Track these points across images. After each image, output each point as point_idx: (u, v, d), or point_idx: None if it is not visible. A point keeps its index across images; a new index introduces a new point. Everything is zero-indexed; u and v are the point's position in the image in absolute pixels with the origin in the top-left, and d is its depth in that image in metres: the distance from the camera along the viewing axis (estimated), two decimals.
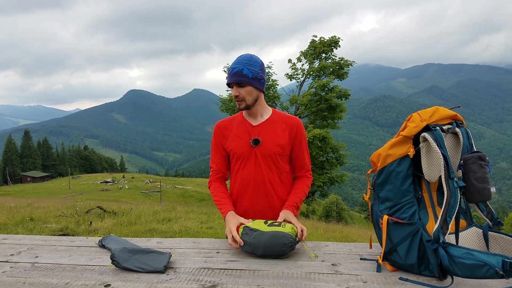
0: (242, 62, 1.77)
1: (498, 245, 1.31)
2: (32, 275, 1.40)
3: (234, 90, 1.78)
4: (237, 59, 1.79)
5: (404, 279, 1.26)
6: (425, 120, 1.28)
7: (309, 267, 1.41)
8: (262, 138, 1.82)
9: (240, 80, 1.75)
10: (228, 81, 1.79)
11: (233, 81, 1.76)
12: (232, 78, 1.76)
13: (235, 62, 1.78)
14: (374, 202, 1.44)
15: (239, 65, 1.76)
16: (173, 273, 1.37)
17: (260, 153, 1.81)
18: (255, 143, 1.81)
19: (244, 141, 1.84)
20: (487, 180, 1.23)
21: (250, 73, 1.75)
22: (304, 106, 21.22)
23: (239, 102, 1.79)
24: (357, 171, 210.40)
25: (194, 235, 7.77)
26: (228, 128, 1.91)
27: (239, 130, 1.88)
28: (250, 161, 1.83)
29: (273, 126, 1.85)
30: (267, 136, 1.83)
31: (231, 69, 1.77)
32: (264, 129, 1.85)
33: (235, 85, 1.78)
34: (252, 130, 1.85)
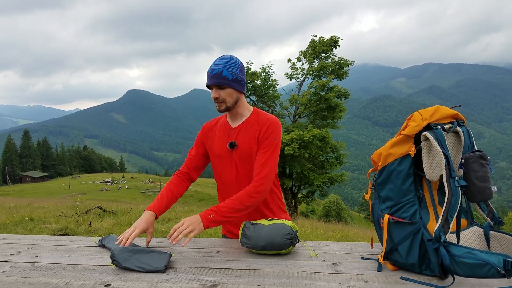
0: (221, 63, 1.73)
1: (499, 244, 1.31)
2: (32, 274, 1.40)
3: (213, 92, 1.74)
4: (216, 61, 1.75)
5: (405, 279, 1.25)
6: (426, 119, 1.28)
7: (310, 267, 1.41)
8: (238, 141, 1.80)
9: (220, 82, 1.71)
10: (208, 83, 1.75)
11: (213, 83, 1.72)
12: (211, 80, 1.72)
13: (214, 64, 1.74)
14: (375, 202, 1.44)
15: (219, 66, 1.72)
16: (173, 273, 1.37)
17: (237, 156, 1.81)
18: (231, 146, 1.80)
19: (224, 143, 1.84)
20: (488, 179, 1.22)
21: (230, 74, 1.72)
22: (304, 106, 21.22)
23: (219, 104, 1.76)
24: (357, 170, 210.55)
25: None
26: (213, 129, 1.92)
27: (221, 132, 1.87)
28: (229, 163, 1.83)
29: (249, 128, 1.81)
30: (243, 138, 1.80)
31: (210, 71, 1.73)
32: (241, 131, 1.82)
33: (214, 87, 1.74)
34: (231, 132, 1.84)
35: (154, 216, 1.72)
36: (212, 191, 53.26)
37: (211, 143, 1.89)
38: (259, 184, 1.69)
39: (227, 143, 1.82)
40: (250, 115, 1.85)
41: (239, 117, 1.86)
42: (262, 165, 1.73)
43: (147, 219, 1.68)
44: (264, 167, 1.72)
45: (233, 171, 1.83)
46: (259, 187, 1.68)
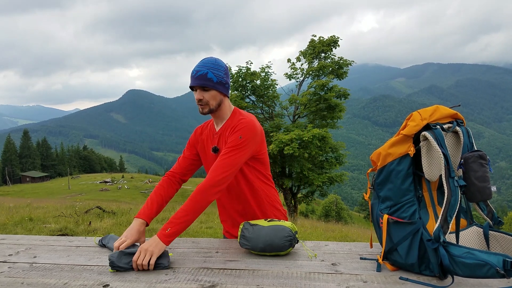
0: (206, 65, 1.71)
1: (499, 244, 1.31)
2: (30, 275, 1.39)
3: (197, 94, 1.71)
4: (201, 62, 1.73)
5: (405, 279, 1.25)
6: (425, 119, 1.27)
7: (309, 267, 1.40)
8: (219, 145, 1.79)
9: (204, 84, 1.69)
10: (192, 84, 1.71)
11: (197, 85, 1.69)
12: (196, 82, 1.69)
13: (199, 65, 1.71)
14: (374, 202, 1.43)
15: (204, 68, 1.70)
16: (172, 273, 1.37)
17: None
18: (215, 151, 1.80)
19: (209, 147, 1.85)
20: (488, 179, 1.22)
21: (214, 77, 1.70)
22: (304, 106, 21.23)
23: (202, 106, 1.73)
24: (357, 170, 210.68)
25: (193, 235, 7.76)
26: (203, 133, 1.92)
27: (208, 136, 1.88)
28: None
29: (227, 130, 1.78)
30: (223, 142, 1.79)
31: (195, 72, 1.70)
32: (222, 135, 1.80)
33: (199, 89, 1.71)
34: (215, 136, 1.83)
35: (145, 225, 1.68)
36: None
37: (201, 147, 1.90)
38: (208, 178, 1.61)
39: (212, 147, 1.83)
40: (229, 117, 1.82)
41: (221, 119, 1.84)
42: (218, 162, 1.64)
43: (138, 228, 1.65)
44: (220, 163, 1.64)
45: None
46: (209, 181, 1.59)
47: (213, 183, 1.59)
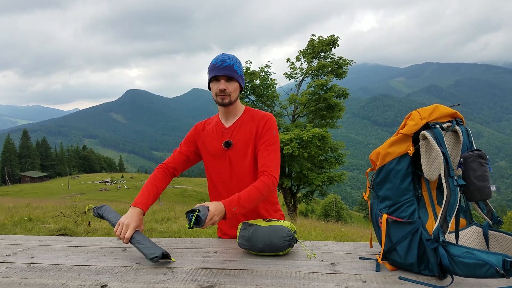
0: (230, 58, 1.76)
1: (499, 244, 1.30)
2: (28, 275, 1.38)
3: (222, 84, 1.73)
4: (224, 55, 1.77)
5: (404, 279, 1.25)
6: (424, 118, 1.27)
7: (308, 267, 1.40)
8: (233, 140, 1.80)
9: (231, 74, 1.73)
10: (217, 74, 1.73)
11: (224, 74, 1.72)
12: (222, 71, 1.72)
13: (222, 57, 1.75)
14: (373, 201, 1.43)
15: (229, 60, 1.74)
16: (170, 273, 1.36)
17: (233, 155, 1.80)
18: (227, 146, 1.80)
19: (217, 142, 1.84)
20: (487, 179, 1.21)
21: (239, 70, 1.77)
22: (303, 105, 21.22)
23: (224, 97, 1.76)
24: (356, 170, 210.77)
25: (193, 234, 7.76)
26: (205, 129, 1.91)
27: (214, 132, 1.87)
28: (223, 162, 1.83)
29: (244, 125, 1.82)
30: (238, 137, 1.80)
31: (220, 63, 1.72)
32: (235, 130, 1.82)
33: (223, 79, 1.74)
34: (225, 132, 1.84)
35: (142, 214, 1.68)
36: None
37: (204, 143, 1.88)
38: (274, 177, 1.69)
39: (221, 142, 1.82)
40: (242, 113, 1.86)
41: (232, 115, 1.86)
42: (269, 157, 1.72)
43: (138, 216, 1.64)
44: (273, 159, 1.73)
45: (226, 170, 1.82)
46: (275, 180, 1.69)
47: (277, 182, 1.69)
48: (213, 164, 1.86)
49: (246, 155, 1.79)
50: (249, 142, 1.79)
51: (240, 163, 1.80)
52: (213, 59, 1.78)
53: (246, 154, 1.79)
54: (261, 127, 1.78)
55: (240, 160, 1.80)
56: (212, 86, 1.79)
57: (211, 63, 1.76)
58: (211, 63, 1.76)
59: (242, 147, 1.79)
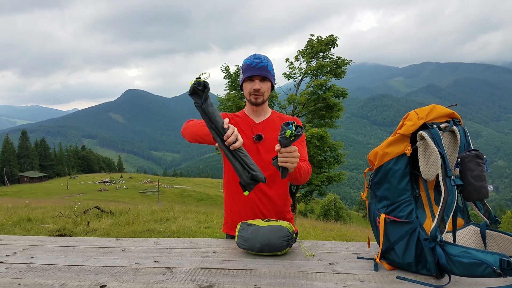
0: (264, 59, 1.81)
1: (496, 243, 1.31)
2: (28, 276, 1.39)
3: (256, 84, 1.79)
4: (257, 56, 1.82)
5: (402, 278, 1.25)
6: (422, 118, 1.27)
7: (307, 266, 1.40)
8: (264, 135, 1.84)
9: (266, 75, 1.79)
10: (253, 74, 1.78)
11: (260, 74, 1.78)
12: (258, 71, 1.78)
13: (256, 58, 1.80)
14: (371, 201, 1.44)
15: (263, 61, 1.79)
16: (169, 273, 1.36)
17: (263, 148, 1.84)
18: (258, 138, 1.83)
19: (246, 135, 1.85)
20: (485, 178, 1.22)
21: (272, 70, 1.83)
22: (302, 105, 21.22)
23: (258, 96, 1.82)
24: (355, 170, 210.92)
25: (192, 234, 7.76)
26: (234, 120, 1.92)
27: (243, 125, 1.89)
28: (252, 155, 1.82)
29: (274, 123, 1.89)
30: (269, 133, 1.86)
31: (255, 63, 1.78)
32: (266, 126, 1.88)
33: (258, 79, 1.79)
34: (255, 126, 1.88)
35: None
36: (210, 191, 53.24)
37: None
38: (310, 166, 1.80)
39: (250, 136, 1.85)
40: (271, 113, 1.94)
41: (263, 114, 1.92)
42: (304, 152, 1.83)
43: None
44: (306, 154, 1.87)
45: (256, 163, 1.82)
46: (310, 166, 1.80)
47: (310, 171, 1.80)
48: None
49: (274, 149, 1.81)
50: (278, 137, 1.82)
51: (269, 157, 1.81)
52: (245, 59, 1.83)
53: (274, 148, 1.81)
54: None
55: (268, 154, 1.83)
56: (245, 86, 1.83)
57: (245, 64, 1.81)
58: (245, 64, 1.81)
59: (272, 142, 1.83)
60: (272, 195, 1.87)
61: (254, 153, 1.84)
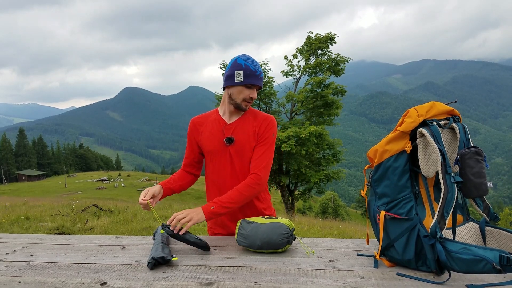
0: (260, 67, 1.80)
1: (495, 240, 1.31)
2: (27, 274, 1.39)
3: (253, 93, 1.78)
4: (256, 63, 1.80)
5: (402, 275, 1.26)
6: (422, 115, 1.27)
7: (307, 264, 1.41)
8: (235, 137, 1.81)
9: (262, 85, 1.80)
10: (256, 83, 1.77)
11: (260, 85, 1.79)
12: (260, 82, 1.78)
13: (257, 66, 1.78)
14: (371, 198, 1.44)
15: (261, 70, 1.79)
16: (170, 271, 1.37)
17: (234, 152, 1.81)
18: (229, 141, 1.81)
19: (217, 138, 1.84)
20: (484, 175, 1.23)
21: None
22: (300, 103, 21.21)
23: (249, 104, 1.82)
24: (354, 167, 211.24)
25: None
26: (203, 124, 1.91)
27: (214, 127, 1.87)
28: (224, 158, 1.83)
29: (247, 124, 1.84)
30: (240, 134, 1.82)
31: (258, 72, 1.77)
32: (238, 127, 1.84)
33: (256, 88, 1.80)
34: (226, 128, 1.84)
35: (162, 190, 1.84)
36: None
37: (203, 138, 1.88)
38: (259, 176, 1.74)
39: (221, 139, 1.82)
40: (246, 112, 1.89)
41: (237, 113, 1.88)
42: (260, 157, 1.78)
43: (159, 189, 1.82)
44: (263, 159, 1.78)
45: (227, 167, 1.83)
46: (259, 179, 1.74)
47: (261, 181, 1.75)
48: (213, 161, 1.87)
49: (247, 151, 1.81)
50: (252, 139, 1.81)
51: (241, 159, 1.81)
52: (246, 62, 1.76)
53: (247, 150, 1.81)
54: (263, 128, 1.82)
55: (241, 157, 1.81)
56: (242, 91, 1.78)
57: (249, 69, 1.75)
58: (249, 69, 1.75)
59: (244, 143, 1.81)
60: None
61: (227, 157, 1.83)
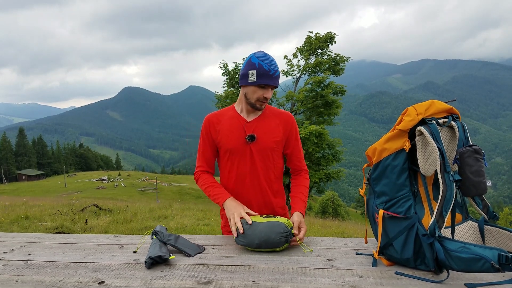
0: (277, 65, 1.73)
1: (494, 238, 1.31)
2: (25, 272, 1.38)
3: (268, 92, 1.73)
4: (273, 61, 1.71)
5: (400, 274, 1.25)
6: (420, 114, 1.27)
7: (305, 262, 1.40)
8: (257, 134, 1.78)
9: (277, 84, 1.75)
10: (273, 84, 1.71)
11: (275, 84, 1.73)
12: (274, 81, 1.71)
13: (272, 64, 1.70)
14: (369, 197, 1.43)
15: (278, 69, 1.73)
16: (167, 270, 1.36)
17: (256, 149, 1.78)
18: (251, 139, 1.77)
19: (238, 136, 1.79)
20: (483, 174, 1.22)
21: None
22: (300, 103, 21.21)
23: (263, 103, 1.77)
24: (353, 167, 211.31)
25: (190, 232, 7.76)
26: (220, 122, 1.85)
27: (233, 125, 1.82)
28: (244, 157, 1.79)
29: (267, 121, 1.82)
30: (262, 131, 1.79)
31: (273, 71, 1.69)
32: (259, 124, 1.81)
33: (270, 88, 1.74)
34: (247, 125, 1.80)
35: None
36: None
37: (221, 136, 1.83)
38: (308, 174, 1.93)
39: (242, 136, 1.79)
40: (265, 108, 1.88)
41: (255, 111, 1.86)
42: (301, 156, 1.92)
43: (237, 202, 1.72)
44: (303, 158, 1.93)
45: (247, 164, 1.80)
46: (307, 171, 1.93)
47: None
48: (231, 159, 1.81)
49: (270, 149, 1.79)
50: (271, 137, 1.80)
51: (262, 157, 1.79)
52: (259, 60, 1.70)
53: (268, 149, 1.79)
54: (288, 127, 1.85)
55: (262, 155, 1.79)
56: (256, 91, 1.73)
57: (262, 68, 1.68)
58: (262, 68, 1.68)
59: (265, 141, 1.79)
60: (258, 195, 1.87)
61: (247, 155, 1.79)
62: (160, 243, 1.54)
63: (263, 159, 1.79)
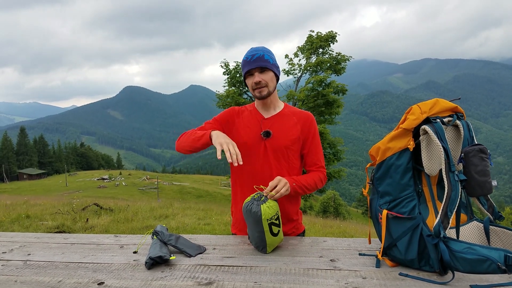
0: (260, 49, 1.73)
1: (500, 239, 1.29)
2: (24, 273, 1.37)
3: (256, 77, 1.71)
4: (252, 49, 1.75)
5: (404, 275, 1.23)
6: (425, 113, 1.25)
7: (307, 263, 1.39)
8: (273, 131, 1.76)
9: (264, 65, 1.71)
10: (250, 67, 1.71)
11: (257, 66, 1.70)
12: (254, 64, 1.70)
13: (252, 50, 1.73)
14: (373, 197, 1.41)
15: (259, 51, 1.72)
16: (168, 270, 1.34)
17: (270, 146, 1.76)
18: (266, 135, 1.75)
19: (254, 132, 1.78)
20: (489, 174, 1.20)
21: (270, 59, 1.74)
22: (301, 102, 21.19)
23: (261, 89, 1.74)
24: (354, 166, 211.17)
25: (191, 231, 7.75)
26: (241, 115, 1.86)
27: (250, 120, 1.82)
28: (258, 153, 1.77)
29: (285, 119, 1.80)
30: (279, 129, 1.77)
31: (250, 57, 1.71)
32: (276, 122, 1.79)
33: (257, 71, 1.72)
34: (264, 122, 1.80)
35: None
36: (209, 187, 53.25)
37: (238, 129, 1.82)
38: (324, 170, 1.85)
39: (258, 132, 1.77)
40: (283, 107, 1.86)
41: (272, 107, 1.84)
42: (319, 154, 1.84)
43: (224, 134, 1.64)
44: (321, 156, 1.86)
45: (260, 160, 1.76)
46: (325, 173, 1.84)
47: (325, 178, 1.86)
48: (244, 153, 1.75)
49: (284, 147, 1.76)
50: (289, 136, 1.77)
51: (275, 154, 1.76)
52: (244, 55, 1.76)
53: (285, 146, 1.76)
54: (306, 126, 1.81)
55: (275, 151, 1.76)
56: (247, 82, 1.77)
57: (243, 60, 1.75)
58: (243, 60, 1.75)
59: (281, 139, 1.76)
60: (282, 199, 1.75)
61: (261, 151, 1.76)
62: (160, 243, 1.52)
63: (277, 157, 1.76)
